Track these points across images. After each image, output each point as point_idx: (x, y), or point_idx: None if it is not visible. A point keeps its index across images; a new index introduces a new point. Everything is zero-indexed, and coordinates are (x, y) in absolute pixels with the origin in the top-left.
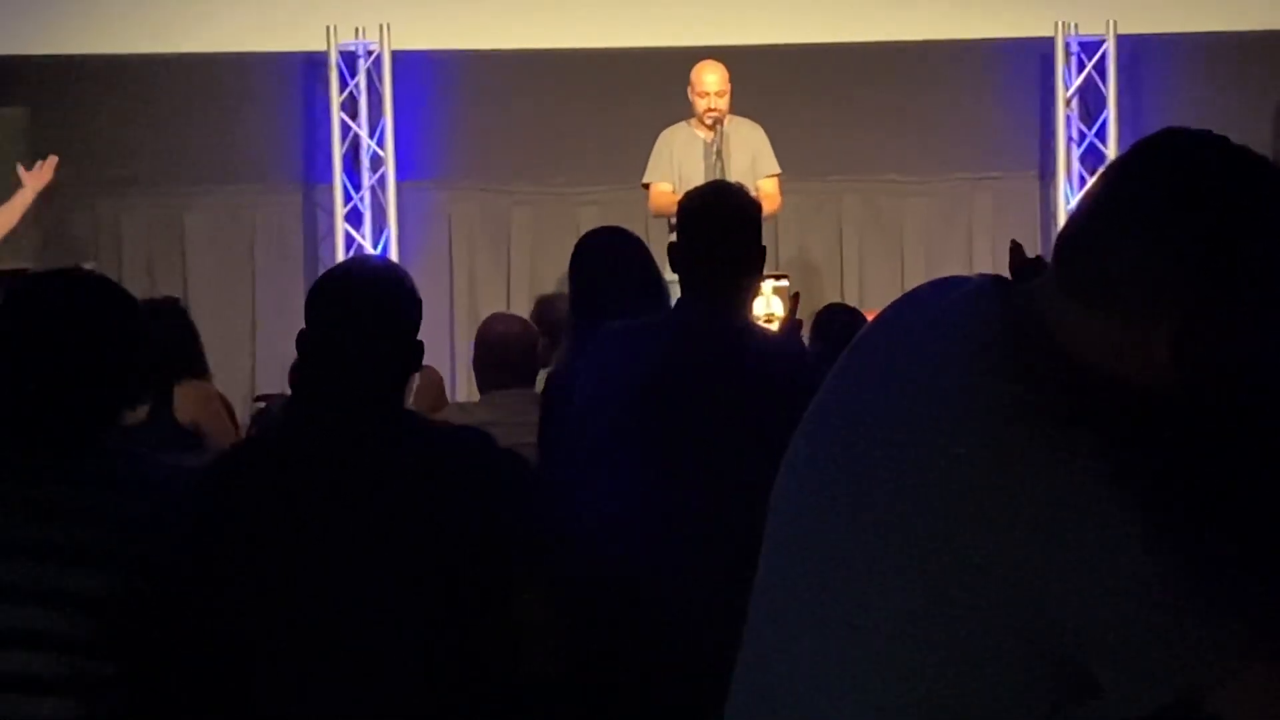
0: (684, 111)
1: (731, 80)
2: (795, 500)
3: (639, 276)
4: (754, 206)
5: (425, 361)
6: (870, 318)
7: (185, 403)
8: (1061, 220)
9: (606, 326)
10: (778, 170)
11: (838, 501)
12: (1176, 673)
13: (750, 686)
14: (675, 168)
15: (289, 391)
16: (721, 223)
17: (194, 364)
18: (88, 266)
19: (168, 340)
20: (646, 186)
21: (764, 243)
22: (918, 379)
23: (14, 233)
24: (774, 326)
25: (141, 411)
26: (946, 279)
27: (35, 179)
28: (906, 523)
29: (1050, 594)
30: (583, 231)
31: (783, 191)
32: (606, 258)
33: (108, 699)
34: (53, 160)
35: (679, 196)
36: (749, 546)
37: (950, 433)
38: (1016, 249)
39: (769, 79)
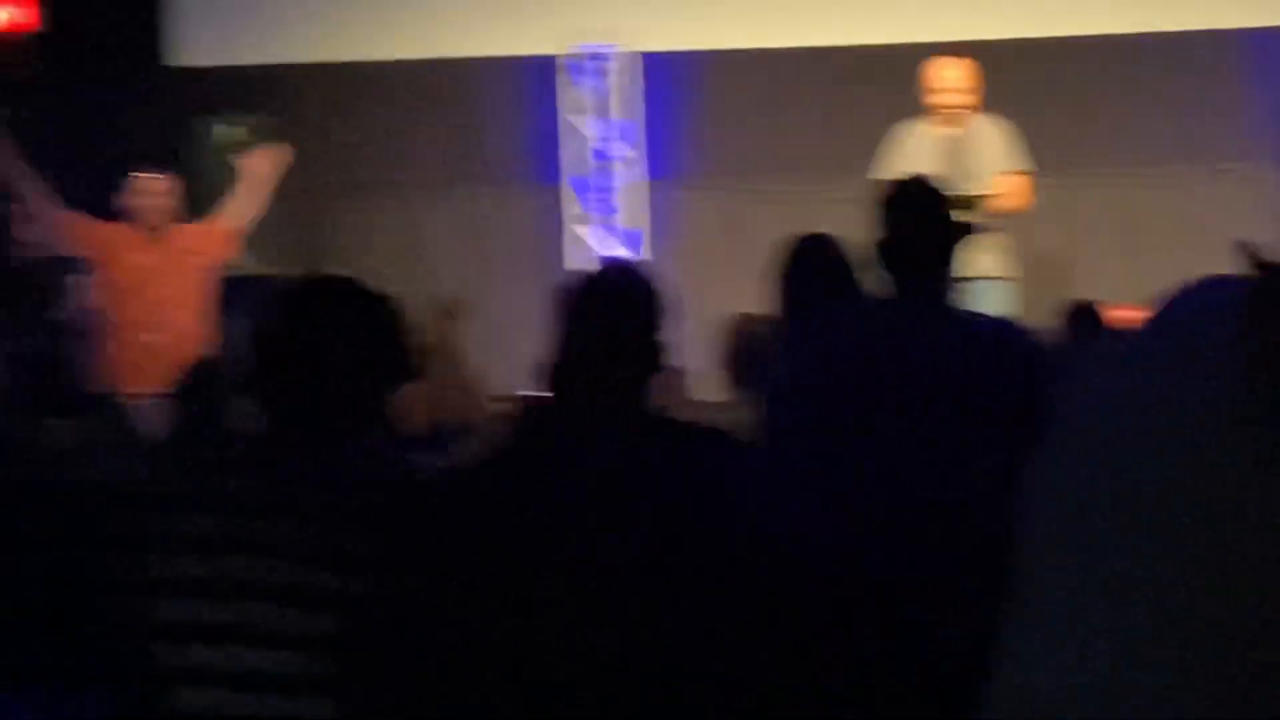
0: (922, 106)
1: (975, 76)
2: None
3: (840, 282)
4: (938, 198)
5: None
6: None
7: (409, 405)
8: None
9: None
10: (1027, 167)
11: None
12: None
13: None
14: (903, 163)
15: (530, 392)
16: (917, 212)
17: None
18: (334, 270)
19: None
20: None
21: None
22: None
23: (260, 237)
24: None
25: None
26: (1213, 279)
27: (268, 163)
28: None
29: None
30: (826, 229)
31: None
32: (808, 264)
33: (353, 699)
34: (284, 146)
35: None
36: (988, 532)
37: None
38: (1249, 249)
39: (1016, 73)
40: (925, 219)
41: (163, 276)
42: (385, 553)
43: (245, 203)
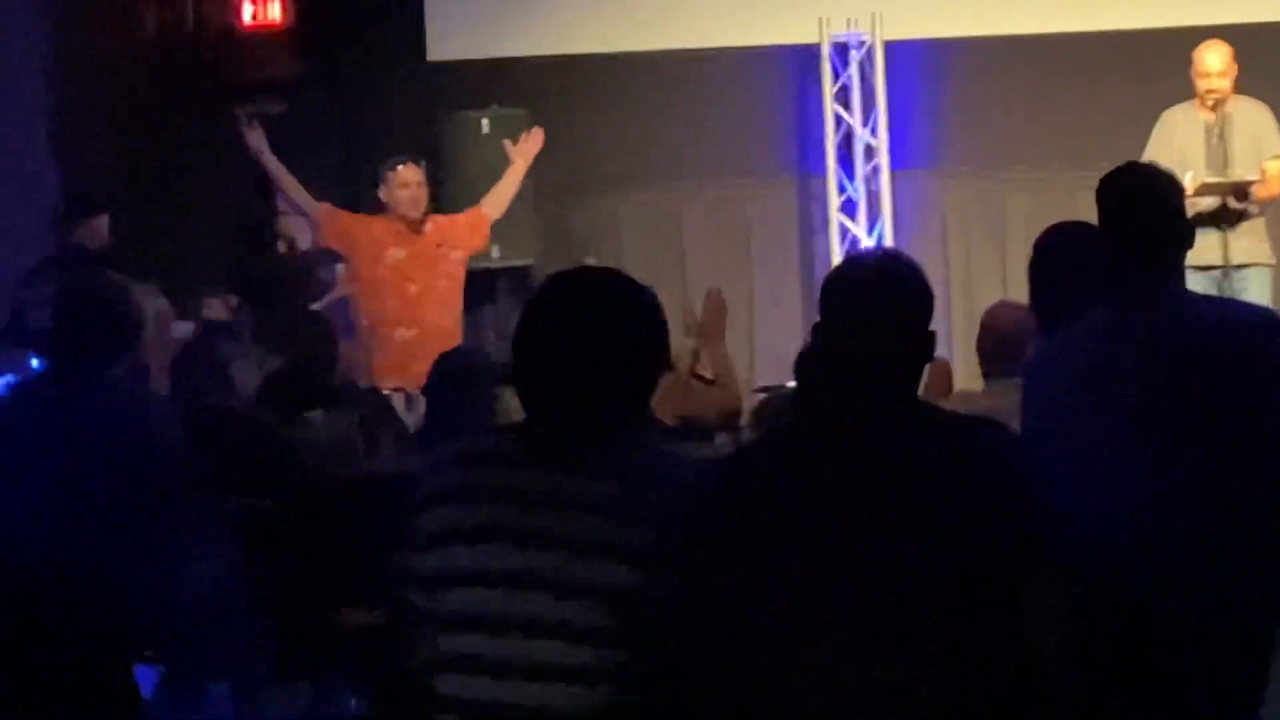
0: (1181, 93)
1: (1237, 60)
2: None
3: (1098, 274)
4: (1171, 186)
5: None
6: None
7: (666, 398)
8: None
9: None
10: None
11: None
12: None
13: None
14: (1175, 149)
15: (789, 382)
16: (1141, 202)
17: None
18: (589, 262)
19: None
20: None
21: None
22: None
23: (513, 227)
24: None
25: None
26: None
27: (524, 151)
28: None
29: None
30: (1080, 216)
31: None
32: (1065, 256)
33: (636, 689)
34: (539, 132)
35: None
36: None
37: None
38: None
39: (1276, 57)
40: (1154, 208)
41: (418, 271)
42: (665, 545)
43: (509, 188)
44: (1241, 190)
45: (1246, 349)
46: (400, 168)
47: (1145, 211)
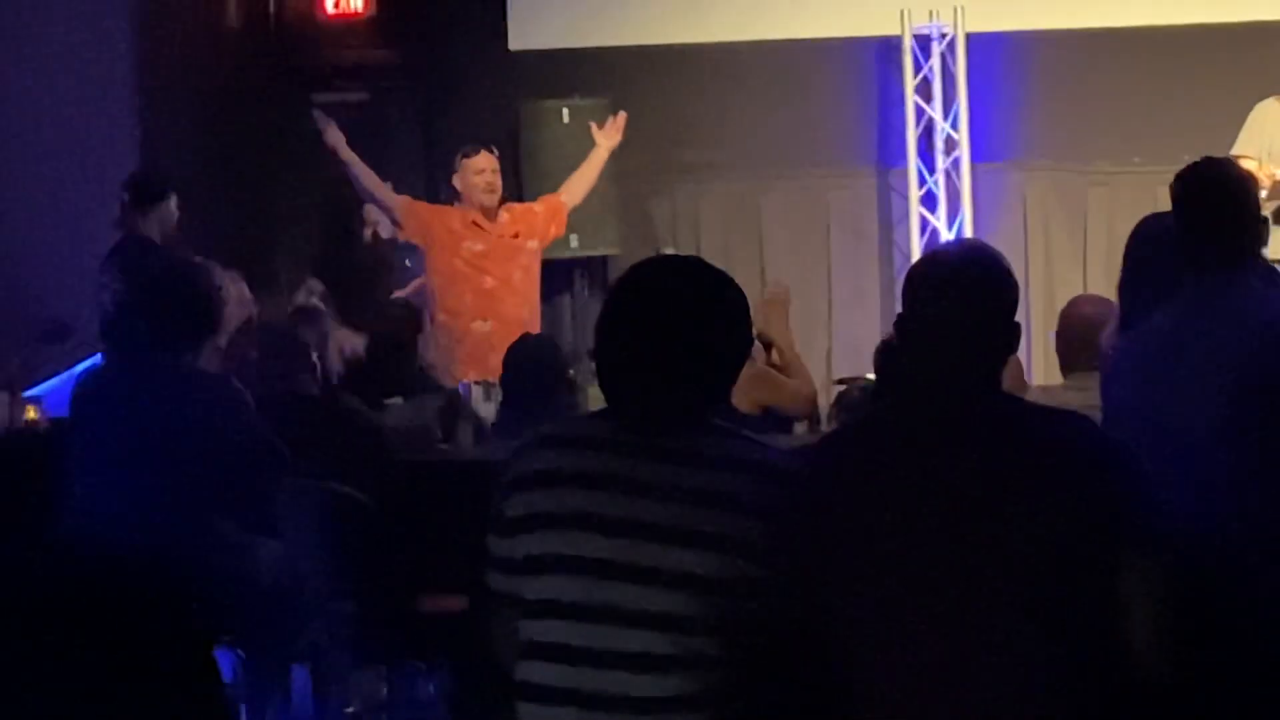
0: (1268, 87)
1: None
2: None
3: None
4: (1241, 181)
5: None
6: None
7: (746, 387)
8: None
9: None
10: None
11: None
12: None
13: None
14: (1265, 141)
15: (868, 374)
16: (1209, 198)
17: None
18: (667, 252)
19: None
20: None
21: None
22: None
23: (592, 217)
24: None
25: None
26: None
27: (608, 137)
28: None
29: None
30: (1160, 210)
31: None
32: (1153, 245)
33: (716, 676)
34: (623, 117)
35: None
36: None
37: None
38: None
39: None
40: (1223, 203)
41: (494, 264)
42: (756, 533)
43: (589, 175)
44: None
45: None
46: (475, 155)
47: (1215, 206)
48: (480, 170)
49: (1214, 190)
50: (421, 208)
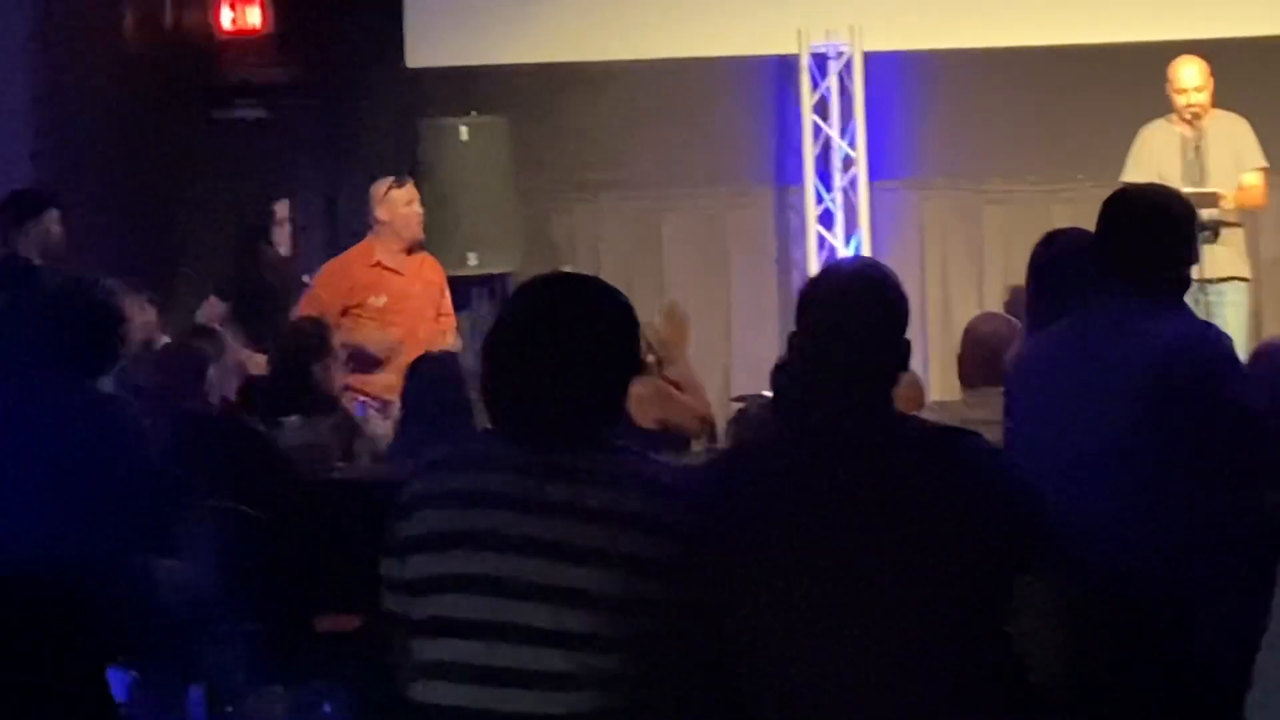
0: (1158, 107)
1: (1213, 74)
2: None
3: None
4: (1177, 205)
5: None
6: None
7: (641, 404)
8: None
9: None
10: (1263, 164)
11: None
12: None
13: None
14: (1153, 165)
15: (766, 391)
16: (1141, 225)
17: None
18: (566, 269)
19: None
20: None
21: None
22: None
23: (493, 235)
24: None
25: None
26: None
27: (388, 350)
28: None
29: None
30: (1055, 229)
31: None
32: (1059, 260)
33: (614, 695)
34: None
35: None
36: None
37: None
38: None
39: (1252, 71)
40: (1149, 225)
41: (400, 317)
42: (652, 550)
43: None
44: (1209, 199)
45: (1194, 375)
46: (404, 186)
47: (1144, 233)
48: (409, 201)
49: (1145, 217)
50: (322, 282)
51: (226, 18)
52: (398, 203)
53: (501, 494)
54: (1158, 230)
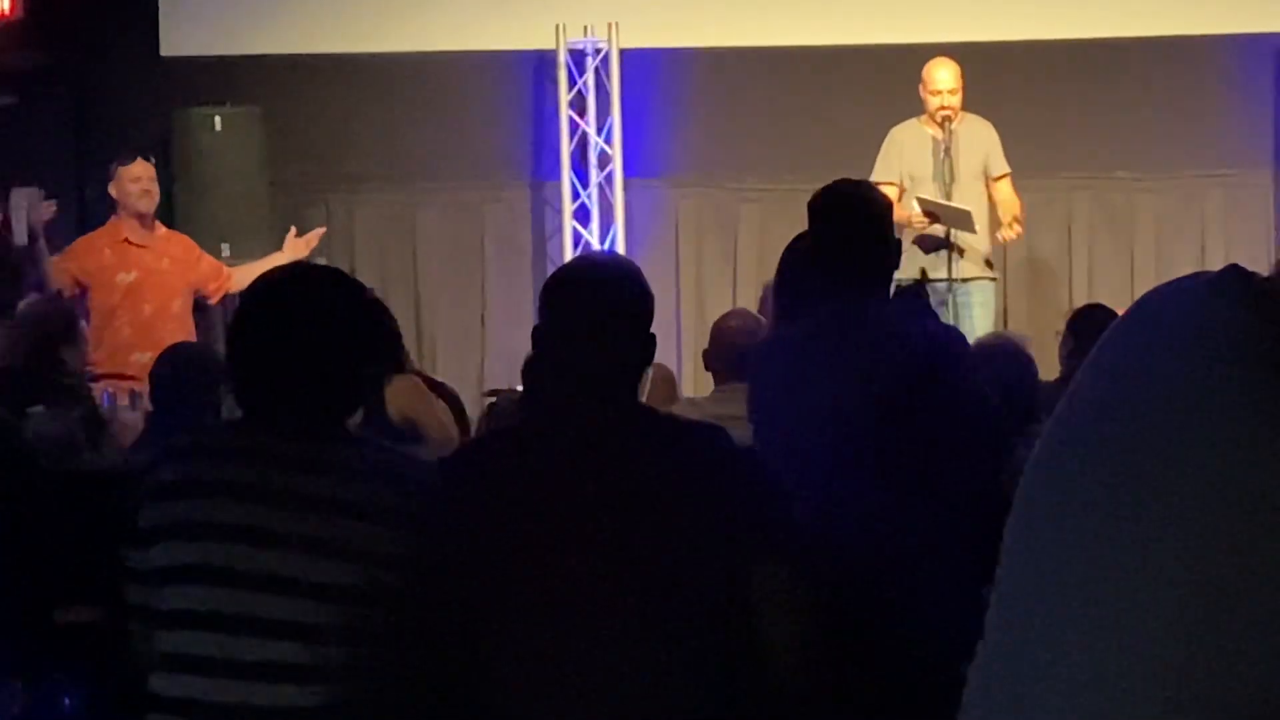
0: (913, 109)
1: (963, 77)
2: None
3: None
4: (877, 204)
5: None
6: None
7: (394, 399)
8: None
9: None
10: (1008, 170)
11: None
12: None
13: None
14: (904, 165)
15: (519, 386)
16: (842, 217)
17: (398, 358)
18: (319, 262)
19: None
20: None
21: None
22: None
23: (247, 227)
24: None
25: (357, 415)
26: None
27: (295, 249)
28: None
29: None
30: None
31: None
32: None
33: (351, 686)
34: (320, 232)
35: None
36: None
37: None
38: None
39: (1000, 76)
40: (857, 225)
41: (151, 291)
42: (389, 542)
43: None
44: (964, 218)
45: (925, 368)
46: (131, 163)
47: (847, 225)
48: (136, 178)
49: (846, 210)
50: (69, 254)
51: None
52: (124, 179)
53: (240, 484)
54: (862, 221)
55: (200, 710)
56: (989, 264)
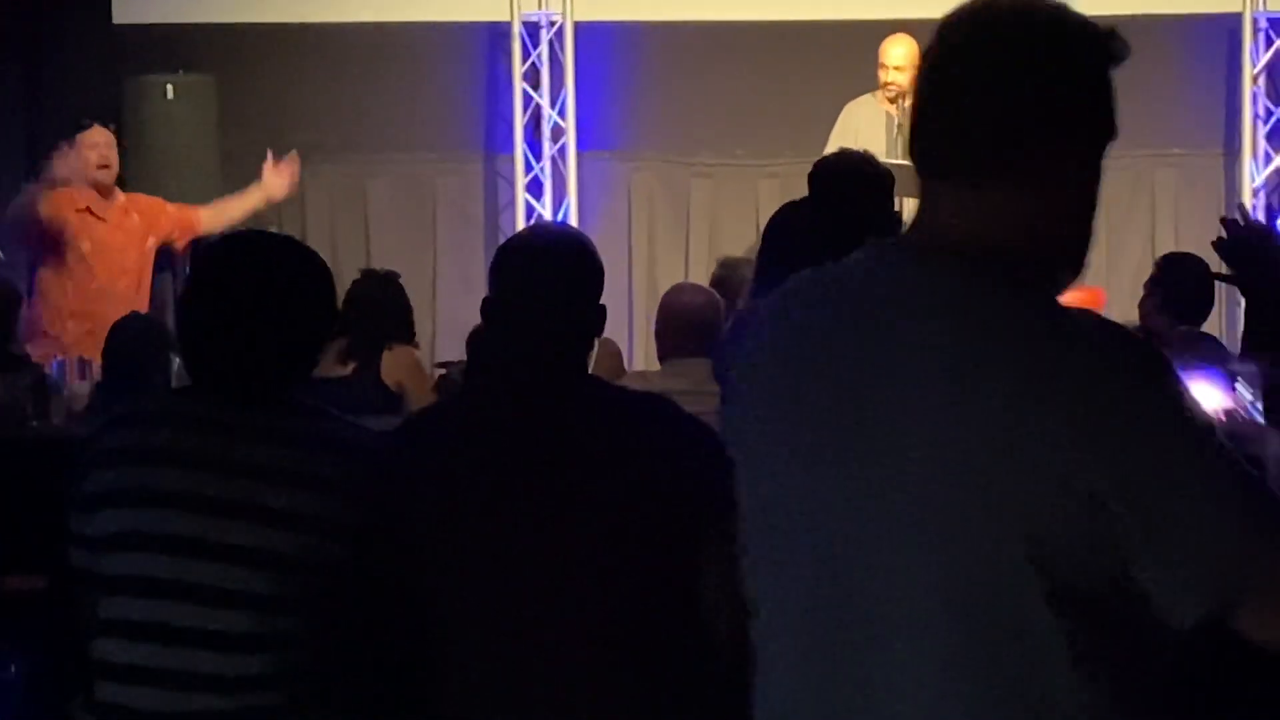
0: (867, 85)
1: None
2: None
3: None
4: (883, 176)
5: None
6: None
7: (392, 366)
8: (1247, 199)
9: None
10: None
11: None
12: (1213, 579)
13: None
14: (858, 141)
15: (469, 359)
16: (844, 189)
17: (404, 331)
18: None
19: (385, 306)
20: None
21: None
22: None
23: (197, 196)
24: None
25: (349, 367)
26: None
27: (276, 188)
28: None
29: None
30: (762, 204)
31: None
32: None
33: (296, 656)
34: (294, 157)
35: None
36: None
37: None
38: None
39: None
40: (858, 186)
41: (102, 266)
42: (332, 511)
43: (238, 209)
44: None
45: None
46: (89, 130)
47: (854, 197)
48: (94, 145)
49: (854, 179)
50: (52, 200)
51: None
52: (82, 146)
53: (187, 451)
54: (867, 191)
55: (144, 676)
56: None
